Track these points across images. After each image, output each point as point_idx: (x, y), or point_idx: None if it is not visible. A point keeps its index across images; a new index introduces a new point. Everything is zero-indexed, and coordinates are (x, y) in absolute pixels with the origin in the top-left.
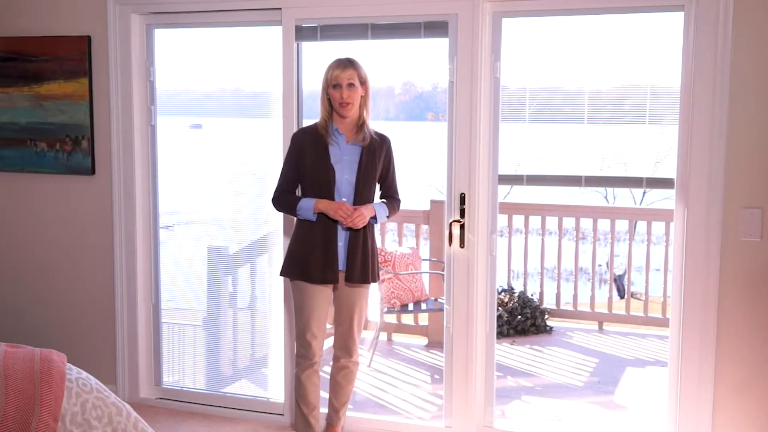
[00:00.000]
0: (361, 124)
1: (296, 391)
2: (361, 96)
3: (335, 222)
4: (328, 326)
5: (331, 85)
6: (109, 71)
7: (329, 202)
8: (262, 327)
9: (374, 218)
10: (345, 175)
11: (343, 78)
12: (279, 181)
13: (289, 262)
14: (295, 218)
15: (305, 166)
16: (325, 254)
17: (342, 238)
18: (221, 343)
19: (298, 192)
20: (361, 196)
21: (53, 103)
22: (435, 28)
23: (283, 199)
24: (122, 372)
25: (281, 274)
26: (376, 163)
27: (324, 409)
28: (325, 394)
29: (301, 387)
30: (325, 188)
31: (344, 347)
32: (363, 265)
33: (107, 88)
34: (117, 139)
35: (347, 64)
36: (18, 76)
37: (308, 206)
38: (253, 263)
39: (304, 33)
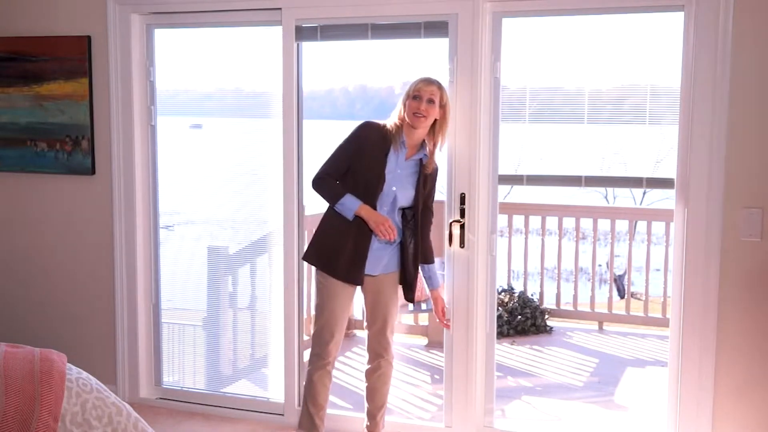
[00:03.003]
0: (422, 144)
1: (306, 390)
2: (436, 119)
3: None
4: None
5: (411, 96)
6: (109, 71)
7: (372, 213)
8: (262, 327)
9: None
10: (392, 187)
11: (425, 91)
12: (327, 163)
13: (316, 250)
14: (329, 206)
15: (361, 162)
16: (355, 254)
17: (374, 242)
18: (221, 343)
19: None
20: (414, 220)
21: (53, 103)
22: (435, 28)
23: (327, 185)
24: (122, 372)
25: (304, 259)
26: (428, 191)
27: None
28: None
29: (312, 387)
30: (370, 193)
31: (377, 348)
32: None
33: (107, 88)
34: (117, 139)
35: (433, 81)
36: (18, 76)
37: (351, 206)
38: (253, 263)
39: (304, 33)
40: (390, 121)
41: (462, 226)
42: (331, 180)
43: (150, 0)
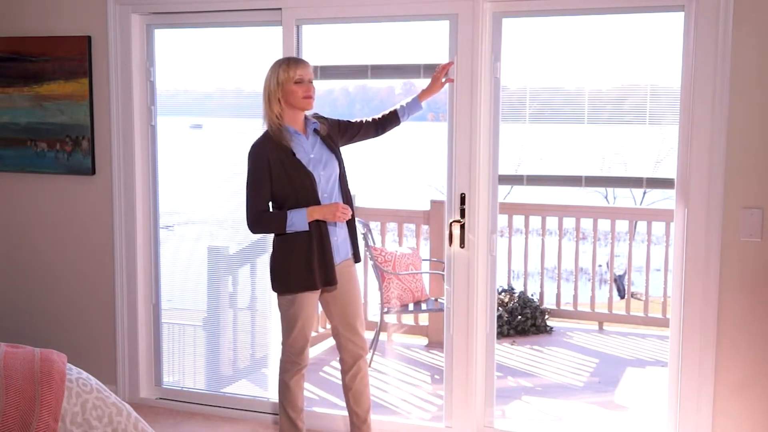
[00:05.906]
0: (305, 117)
1: (283, 398)
2: None
3: (325, 222)
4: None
5: (294, 81)
6: (109, 71)
7: (323, 208)
8: (262, 327)
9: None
10: (320, 172)
11: (305, 73)
12: (251, 204)
13: (288, 278)
14: (275, 235)
15: (280, 178)
16: (323, 255)
17: (335, 233)
18: (221, 343)
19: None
20: (345, 184)
21: (53, 103)
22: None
23: (265, 220)
24: (122, 372)
25: (282, 293)
26: (338, 144)
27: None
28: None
29: (290, 393)
30: (311, 194)
31: (353, 349)
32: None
33: (107, 88)
34: (117, 139)
35: (303, 61)
36: (18, 76)
37: (301, 218)
38: (253, 263)
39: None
40: (268, 124)
41: (462, 226)
42: (266, 214)
43: (150, 0)
